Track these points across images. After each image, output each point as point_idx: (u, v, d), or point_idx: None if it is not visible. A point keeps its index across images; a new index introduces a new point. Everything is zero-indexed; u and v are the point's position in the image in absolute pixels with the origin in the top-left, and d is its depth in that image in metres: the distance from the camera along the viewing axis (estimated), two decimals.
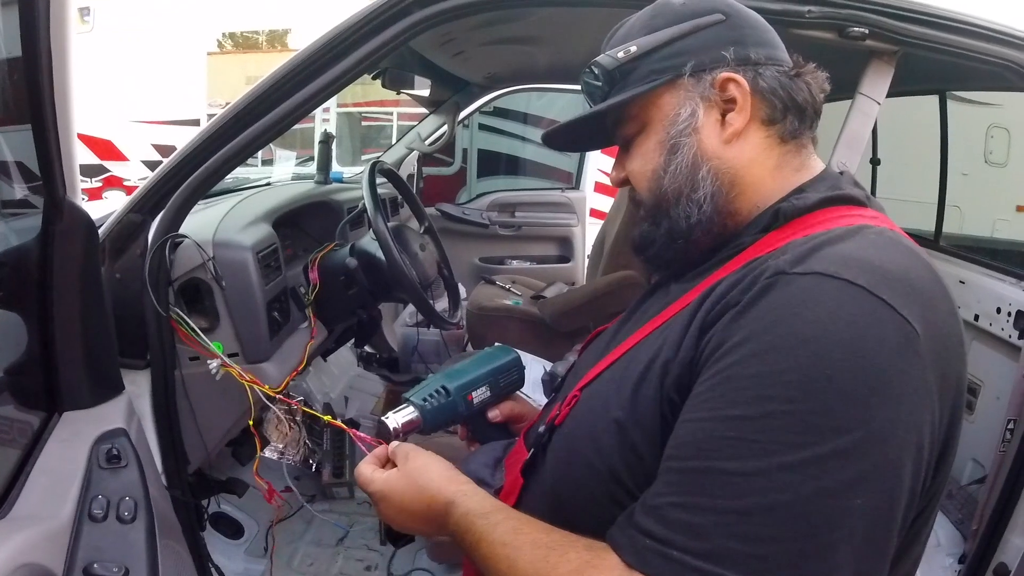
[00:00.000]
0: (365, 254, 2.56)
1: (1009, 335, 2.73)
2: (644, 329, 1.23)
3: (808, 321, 0.93)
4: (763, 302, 0.98)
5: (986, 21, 2.05)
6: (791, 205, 1.16)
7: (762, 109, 1.22)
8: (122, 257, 2.00)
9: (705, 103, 1.22)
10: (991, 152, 6.20)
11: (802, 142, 1.26)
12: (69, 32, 1.40)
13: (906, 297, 0.95)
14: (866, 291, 0.94)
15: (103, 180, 10.55)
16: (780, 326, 0.95)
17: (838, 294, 0.94)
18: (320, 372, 3.93)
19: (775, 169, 1.23)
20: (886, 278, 0.96)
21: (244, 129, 1.95)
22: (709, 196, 1.22)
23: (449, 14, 1.91)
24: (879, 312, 0.93)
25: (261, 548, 3.06)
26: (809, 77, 1.25)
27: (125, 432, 1.62)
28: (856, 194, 1.19)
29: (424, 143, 4.53)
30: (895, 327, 0.93)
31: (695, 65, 1.22)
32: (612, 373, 1.22)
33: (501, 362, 1.60)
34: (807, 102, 1.24)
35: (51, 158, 1.45)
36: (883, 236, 1.07)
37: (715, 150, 1.22)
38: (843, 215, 1.14)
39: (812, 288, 0.96)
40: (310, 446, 3.41)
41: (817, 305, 0.94)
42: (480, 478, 1.41)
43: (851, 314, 0.93)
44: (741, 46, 1.22)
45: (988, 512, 2.31)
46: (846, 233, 1.06)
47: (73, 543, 1.32)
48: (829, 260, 0.98)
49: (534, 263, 5.85)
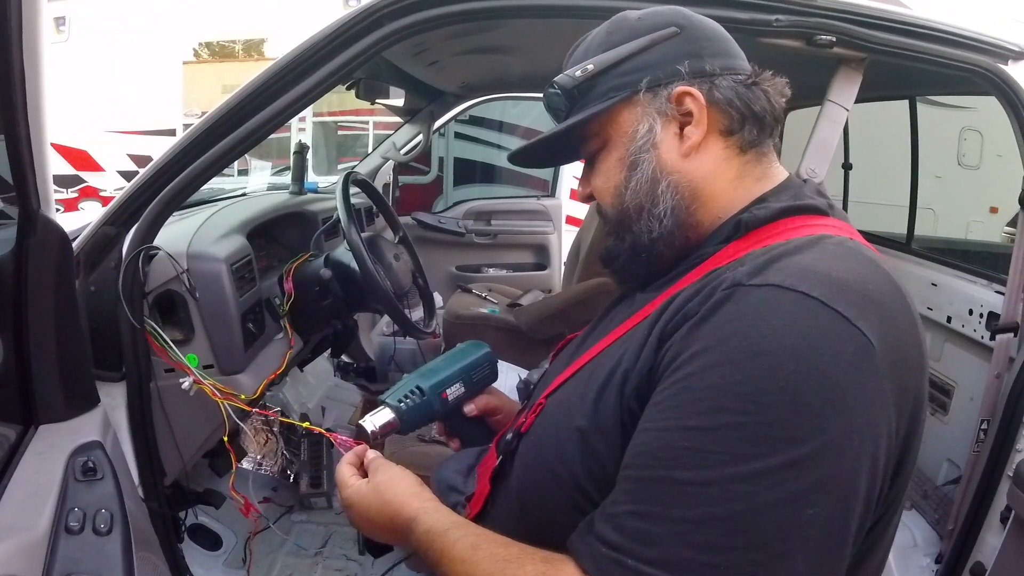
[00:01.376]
0: (339, 264, 2.56)
1: (981, 336, 2.75)
2: (608, 338, 1.25)
3: (763, 333, 0.95)
4: (720, 313, 0.99)
5: (953, 27, 2.08)
6: (752, 216, 1.18)
7: (719, 120, 1.23)
8: (96, 270, 1.99)
9: (662, 118, 1.24)
10: (964, 155, 6.26)
11: (762, 151, 1.26)
12: (42, 43, 1.40)
13: (863, 309, 0.97)
14: (821, 303, 0.95)
15: (79, 191, 10.49)
16: (735, 338, 0.96)
17: (793, 307, 0.96)
18: (297, 382, 3.92)
19: (736, 179, 1.24)
20: (842, 290, 0.97)
21: (219, 140, 1.95)
22: (669, 210, 1.23)
23: (421, 25, 1.92)
24: (834, 325, 0.94)
25: (240, 559, 3.05)
26: (767, 85, 1.26)
27: (101, 445, 1.62)
28: (818, 203, 1.20)
29: (400, 152, 4.53)
30: (850, 339, 0.94)
31: (651, 81, 1.24)
32: (576, 382, 1.24)
33: (473, 358, 1.63)
34: (765, 110, 1.24)
35: (24, 172, 1.45)
36: (842, 246, 1.09)
37: (674, 164, 1.23)
38: (804, 225, 1.15)
39: (768, 300, 0.97)
40: (288, 456, 3.42)
41: (772, 317, 0.96)
42: (452, 485, 1.49)
43: (806, 327, 0.94)
44: (696, 59, 1.23)
45: (964, 512, 2.33)
46: (805, 244, 1.07)
47: (50, 556, 1.32)
48: (786, 272, 0.99)
49: (510, 271, 5.86)
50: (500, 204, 6.00)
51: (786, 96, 1.28)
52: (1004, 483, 2.19)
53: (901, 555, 2.66)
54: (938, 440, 3.01)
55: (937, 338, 3.11)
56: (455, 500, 1.45)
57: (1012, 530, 2.15)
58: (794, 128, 3.69)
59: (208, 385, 2.09)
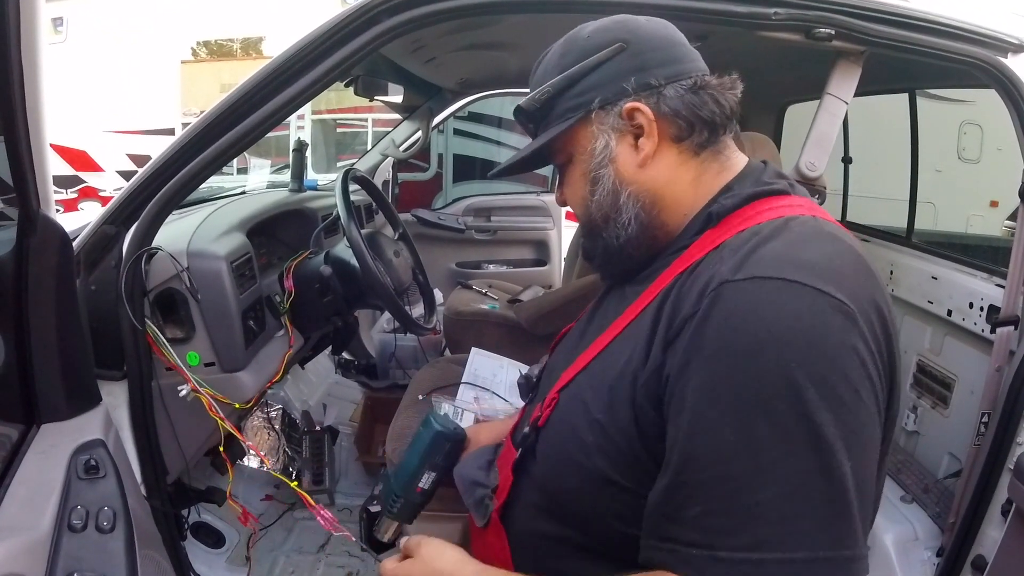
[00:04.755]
0: (339, 261, 2.56)
1: (982, 329, 2.75)
2: (609, 332, 1.34)
3: (762, 324, 1.04)
4: (717, 312, 1.08)
5: (952, 20, 2.07)
6: (721, 206, 1.27)
7: (669, 129, 1.31)
8: (97, 269, 2.00)
9: (617, 133, 1.32)
10: (964, 148, 6.25)
11: (718, 148, 1.34)
12: (41, 43, 1.40)
13: (837, 282, 1.07)
14: (802, 285, 1.05)
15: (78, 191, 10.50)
16: (739, 335, 1.05)
17: (780, 294, 1.05)
18: (298, 380, 3.92)
19: (695, 180, 1.33)
20: (815, 269, 1.07)
21: (218, 138, 1.95)
22: (633, 218, 1.33)
23: (417, 22, 1.92)
24: (818, 301, 1.05)
25: (242, 557, 3.05)
26: (713, 89, 1.32)
27: (103, 443, 1.62)
28: (779, 186, 1.29)
29: (399, 149, 4.53)
30: (834, 309, 1.05)
31: (602, 100, 1.32)
32: (586, 377, 1.33)
33: (427, 443, 1.66)
34: (714, 113, 1.31)
35: (24, 172, 1.45)
36: (807, 226, 1.18)
37: (632, 175, 1.33)
38: (769, 208, 1.24)
39: (755, 292, 1.07)
40: (289, 454, 3.42)
41: (764, 308, 1.05)
42: (475, 480, 1.57)
43: (796, 309, 1.04)
44: (642, 72, 1.30)
45: (964, 505, 2.32)
46: (774, 230, 1.16)
47: (53, 553, 1.32)
48: (764, 263, 1.09)
49: (510, 267, 5.86)
50: (499, 200, 5.99)
51: (738, 89, 1.35)
52: (1005, 476, 2.19)
53: (902, 548, 2.65)
54: (939, 433, 3.01)
55: (938, 331, 3.11)
56: (481, 494, 1.54)
57: (1013, 523, 2.15)
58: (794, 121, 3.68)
59: (205, 395, 2.11)
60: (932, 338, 3.13)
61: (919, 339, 3.18)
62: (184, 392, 2.10)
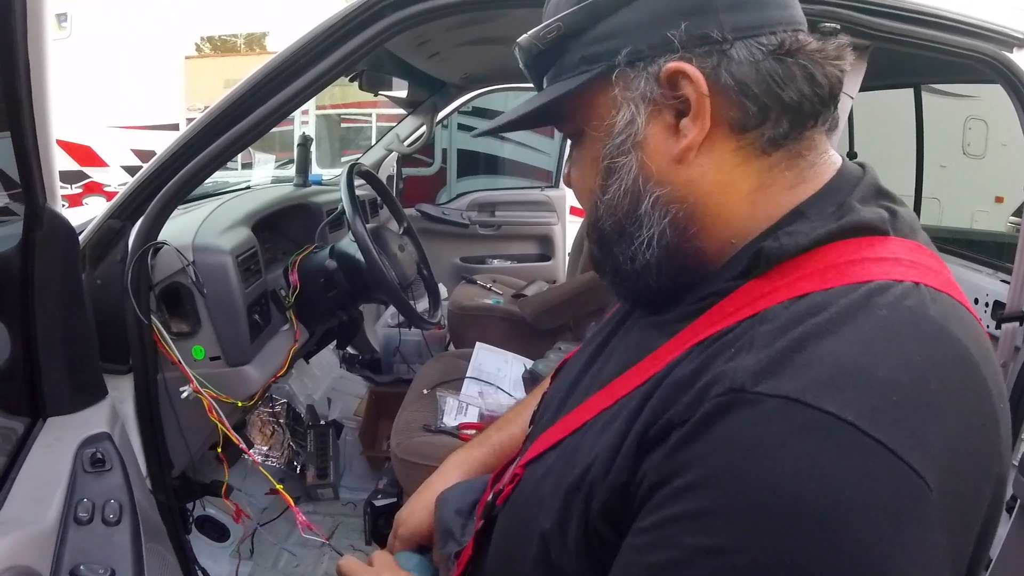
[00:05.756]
0: (344, 256, 2.57)
1: (988, 325, 2.74)
2: (601, 397, 0.94)
3: (766, 477, 0.66)
4: (712, 433, 0.70)
5: (958, 14, 2.06)
6: (778, 245, 0.82)
7: (730, 111, 0.85)
8: (102, 263, 2.00)
9: (648, 106, 0.87)
10: (969, 144, 6.22)
11: (799, 149, 0.88)
12: (47, 39, 1.40)
13: (917, 430, 0.67)
14: (855, 430, 0.65)
15: (83, 186, 10.52)
16: (734, 480, 0.68)
17: (811, 436, 0.66)
18: (302, 374, 3.92)
19: (753, 192, 0.87)
20: (889, 401, 0.67)
21: (222, 134, 1.96)
22: (656, 237, 0.89)
23: (422, 16, 1.92)
24: (871, 464, 0.65)
25: (247, 550, 3.06)
26: (807, 56, 0.87)
27: (109, 436, 1.62)
28: (870, 220, 0.83)
29: (403, 144, 4.52)
30: (894, 485, 0.65)
31: (631, 52, 0.87)
32: (555, 459, 0.96)
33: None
34: (803, 95, 0.85)
35: (30, 166, 1.45)
36: (898, 311, 0.74)
37: (664, 172, 0.88)
38: (852, 260, 0.80)
39: (779, 423, 0.67)
40: (294, 448, 3.42)
41: (780, 452, 0.66)
42: (450, 529, 1.28)
43: (827, 469, 0.65)
44: (701, 16, 0.84)
45: None
46: (844, 314, 0.73)
47: (59, 546, 1.32)
48: (809, 374, 0.69)
49: (515, 262, 5.85)
50: (504, 195, 5.99)
51: (845, 60, 0.91)
52: (1010, 473, 2.19)
53: None
54: None
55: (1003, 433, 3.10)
56: (450, 550, 1.24)
57: (1017, 520, 2.15)
58: None
59: (206, 396, 2.12)
60: None
61: None
62: (186, 393, 2.11)
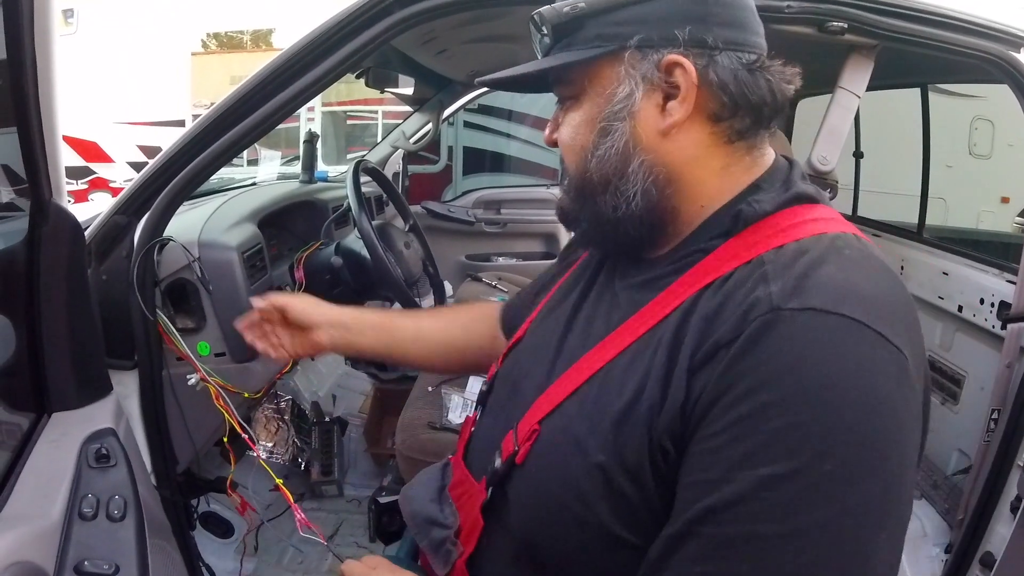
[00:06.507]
0: (350, 252, 2.57)
1: (992, 325, 2.74)
2: (606, 347, 1.12)
3: (818, 367, 0.88)
4: (764, 344, 0.91)
5: (965, 14, 2.05)
6: (752, 209, 1.07)
7: (709, 103, 1.08)
8: (108, 259, 2.00)
9: (646, 85, 1.08)
10: (975, 144, 6.23)
11: (753, 143, 1.13)
12: (53, 35, 1.41)
13: (895, 325, 0.93)
14: (864, 326, 0.90)
15: (89, 182, 10.54)
16: (790, 374, 0.89)
17: (841, 334, 0.90)
18: (307, 371, 3.92)
19: (721, 170, 1.12)
20: (876, 307, 0.93)
21: (228, 130, 1.96)
22: (640, 192, 1.10)
23: (430, 13, 1.92)
24: (878, 348, 0.90)
25: (251, 547, 3.06)
26: (771, 74, 1.10)
27: (114, 432, 1.62)
28: (808, 191, 1.10)
29: (409, 141, 4.52)
30: (892, 359, 0.91)
31: (642, 40, 1.07)
32: (579, 406, 1.10)
33: None
34: (763, 101, 1.09)
35: (36, 161, 1.45)
36: (855, 250, 1.02)
37: (650, 141, 1.10)
38: (804, 219, 1.06)
39: (814, 328, 0.90)
40: (298, 444, 3.42)
41: (822, 347, 0.90)
42: (430, 516, 1.32)
43: (857, 355, 0.90)
44: (701, 25, 1.06)
45: (973, 502, 2.33)
46: (824, 251, 0.99)
47: (64, 541, 1.32)
48: (822, 293, 0.93)
49: (520, 260, 5.83)
50: (509, 193, 5.97)
51: (794, 86, 1.13)
52: (1014, 473, 2.19)
53: (911, 545, 2.65)
54: (948, 430, 3.00)
55: (948, 327, 3.10)
56: (440, 536, 1.28)
57: (1022, 520, 2.15)
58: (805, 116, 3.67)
59: (214, 384, 2.11)
60: (942, 334, 3.13)
61: (929, 335, 3.14)
62: (193, 381, 2.10)
